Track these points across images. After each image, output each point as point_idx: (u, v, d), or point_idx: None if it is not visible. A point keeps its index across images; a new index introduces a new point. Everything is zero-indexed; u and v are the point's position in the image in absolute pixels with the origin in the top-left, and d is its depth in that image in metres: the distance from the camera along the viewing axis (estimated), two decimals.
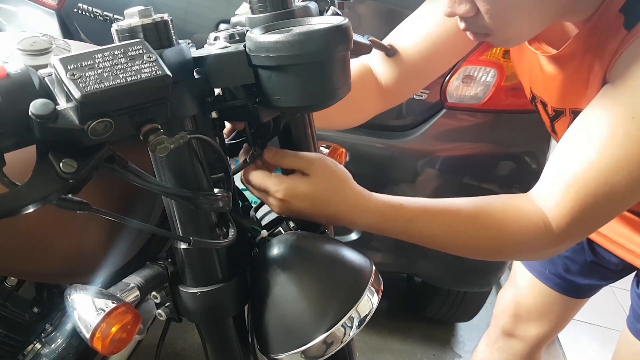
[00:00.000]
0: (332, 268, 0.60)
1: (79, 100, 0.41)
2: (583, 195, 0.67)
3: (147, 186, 0.51)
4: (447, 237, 0.71)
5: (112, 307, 0.50)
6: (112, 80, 0.43)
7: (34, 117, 0.41)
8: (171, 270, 0.59)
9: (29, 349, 0.72)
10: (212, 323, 0.62)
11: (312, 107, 0.60)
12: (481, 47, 1.50)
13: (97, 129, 0.43)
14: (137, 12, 0.50)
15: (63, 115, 0.43)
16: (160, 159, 0.55)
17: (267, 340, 0.58)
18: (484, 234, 0.70)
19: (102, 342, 0.49)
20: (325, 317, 0.55)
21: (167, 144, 0.46)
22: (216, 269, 0.59)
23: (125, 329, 0.50)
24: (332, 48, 0.53)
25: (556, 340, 2.15)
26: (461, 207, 0.71)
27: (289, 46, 0.51)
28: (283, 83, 0.54)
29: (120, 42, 0.48)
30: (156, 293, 0.59)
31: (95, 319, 0.49)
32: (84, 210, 0.48)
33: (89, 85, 0.42)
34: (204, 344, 0.63)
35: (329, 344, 0.55)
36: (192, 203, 0.54)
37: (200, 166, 0.56)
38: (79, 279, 0.72)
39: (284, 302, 0.57)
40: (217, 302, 0.59)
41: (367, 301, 0.58)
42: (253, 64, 0.54)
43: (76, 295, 0.51)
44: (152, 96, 0.46)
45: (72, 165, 0.45)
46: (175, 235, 0.57)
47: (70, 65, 0.43)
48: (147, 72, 0.45)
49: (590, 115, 0.69)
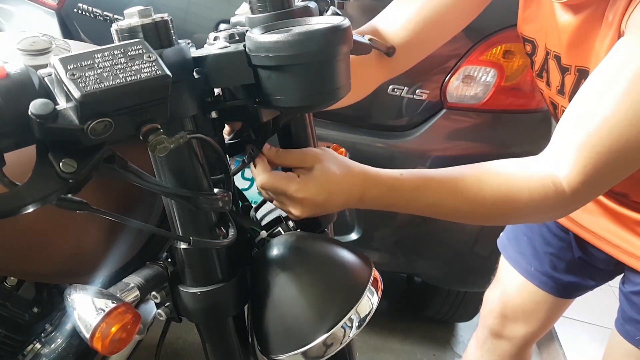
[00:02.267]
0: (331, 268, 0.60)
1: (79, 100, 0.41)
2: (596, 153, 0.65)
3: (147, 186, 0.51)
4: (455, 204, 0.69)
5: (111, 307, 0.50)
6: (111, 80, 0.43)
7: (34, 117, 0.41)
8: (171, 270, 0.59)
9: (29, 348, 0.72)
10: (212, 323, 0.62)
11: (312, 107, 0.60)
12: (481, 47, 1.50)
13: (97, 129, 0.43)
14: (137, 12, 0.50)
15: (63, 115, 0.43)
16: (160, 159, 0.55)
17: (267, 340, 0.58)
18: (492, 198, 0.69)
19: (102, 342, 0.49)
20: (325, 318, 0.55)
21: (167, 144, 0.46)
22: (216, 269, 0.59)
23: (125, 328, 0.50)
24: (332, 48, 0.53)
25: (556, 340, 2.15)
26: (466, 172, 0.70)
27: (289, 46, 0.51)
28: (283, 83, 0.54)
29: (120, 42, 0.48)
30: (156, 293, 0.59)
31: (95, 319, 0.49)
32: (84, 210, 0.48)
33: (88, 85, 0.42)
34: (204, 344, 0.63)
35: (329, 345, 0.55)
36: (192, 203, 0.54)
37: (200, 166, 0.56)
38: (79, 279, 0.72)
39: (283, 303, 0.57)
40: (217, 302, 0.59)
41: (367, 301, 0.58)
42: (253, 63, 0.54)
43: (76, 295, 0.51)
44: (152, 96, 0.46)
45: (72, 165, 0.45)
46: (175, 235, 0.57)
47: (70, 65, 0.43)
48: (147, 72, 0.45)
49: (602, 72, 0.68)
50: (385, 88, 1.55)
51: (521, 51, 1.54)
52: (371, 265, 0.62)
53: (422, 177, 0.69)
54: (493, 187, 0.69)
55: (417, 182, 0.68)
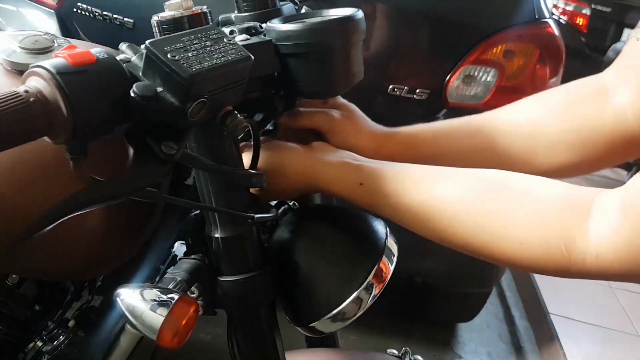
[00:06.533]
0: (348, 230, 0.60)
1: (188, 79, 0.42)
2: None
3: (203, 168, 0.53)
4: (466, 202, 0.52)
5: (176, 299, 0.48)
6: (209, 61, 0.45)
7: (139, 99, 0.41)
8: (207, 262, 0.58)
9: (31, 346, 0.72)
10: (250, 311, 0.61)
11: (334, 92, 0.64)
12: (481, 47, 1.50)
13: (194, 110, 0.44)
14: (180, 3, 0.51)
15: (162, 97, 0.43)
16: (203, 140, 0.54)
17: (299, 311, 0.59)
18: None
19: (171, 337, 0.48)
20: (351, 278, 0.56)
21: (244, 124, 0.48)
22: (254, 255, 0.58)
23: (191, 320, 0.49)
24: (359, 34, 0.58)
25: (556, 340, 2.15)
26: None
27: (321, 33, 0.55)
28: (310, 69, 0.57)
29: (162, 34, 0.50)
30: (193, 287, 0.58)
31: (161, 315, 0.48)
32: (154, 200, 0.49)
33: (192, 65, 0.43)
34: (235, 334, 0.62)
35: (359, 303, 0.56)
36: (233, 179, 0.55)
37: (235, 146, 0.57)
38: (81, 275, 0.72)
39: (310, 273, 0.58)
40: (256, 288, 0.58)
41: (389, 252, 0.59)
42: (281, 52, 0.57)
43: (131, 295, 0.49)
44: (237, 77, 0.48)
45: (172, 147, 0.46)
46: (236, 213, 0.56)
47: (166, 48, 0.44)
48: (233, 54, 0.47)
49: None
50: (386, 88, 1.55)
51: (521, 51, 1.54)
52: (382, 222, 0.62)
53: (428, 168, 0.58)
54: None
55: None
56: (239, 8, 0.63)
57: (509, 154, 0.68)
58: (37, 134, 0.40)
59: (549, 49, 1.55)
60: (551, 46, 1.56)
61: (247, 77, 0.48)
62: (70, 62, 0.41)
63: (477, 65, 1.51)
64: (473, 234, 0.51)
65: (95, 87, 0.41)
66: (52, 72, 0.40)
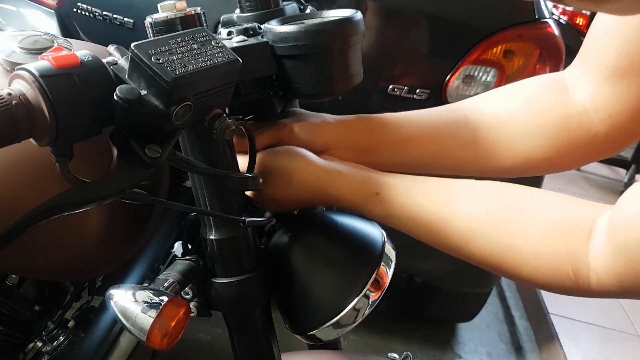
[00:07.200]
0: (346, 237, 0.60)
1: (171, 83, 0.42)
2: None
3: (195, 171, 0.52)
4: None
5: (166, 301, 0.48)
6: (194, 64, 0.44)
7: (122, 102, 0.41)
8: (201, 264, 0.58)
9: (30, 347, 0.72)
10: (245, 312, 0.61)
11: (332, 94, 0.62)
12: (481, 47, 1.50)
13: (179, 114, 0.44)
14: (174, 5, 0.50)
15: (146, 100, 0.43)
16: (195, 142, 0.54)
17: (298, 319, 0.59)
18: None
19: (160, 339, 0.47)
20: (350, 285, 0.56)
21: (233, 127, 0.48)
22: (249, 257, 0.58)
23: (181, 322, 0.49)
24: (358, 35, 0.57)
25: (556, 340, 2.15)
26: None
27: (318, 34, 0.54)
28: (307, 71, 0.57)
29: (156, 35, 0.49)
30: (187, 288, 0.58)
31: (151, 316, 0.47)
32: (145, 202, 0.48)
33: (176, 68, 0.43)
34: (232, 335, 0.62)
35: (358, 310, 0.56)
36: (228, 183, 0.54)
37: (229, 149, 0.56)
38: (80, 276, 0.72)
39: (309, 280, 0.58)
40: (250, 290, 0.58)
41: (387, 258, 0.58)
42: (278, 54, 0.56)
43: (122, 294, 0.49)
44: (225, 80, 0.47)
45: (157, 150, 0.45)
46: (227, 216, 0.56)
47: (150, 51, 0.43)
48: (220, 57, 0.47)
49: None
50: (386, 88, 1.55)
51: (521, 51, 1.54)
52: (379, 228, 0.61)
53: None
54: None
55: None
56: (241, 8, 0.62)
57: (473, 143, 0.66)
58: (21, 136, 0.40)
59: (549, 49, 1.55)
60: (551, 46, 1.56)
61: (236, 80, 0.48)
62: (54, 65, 0.41)
63: (477, 65, 1.51)
64: (489, 254, 0.52)
65: (79, 90, 0.41)
66: (35, 75, 0.40)
